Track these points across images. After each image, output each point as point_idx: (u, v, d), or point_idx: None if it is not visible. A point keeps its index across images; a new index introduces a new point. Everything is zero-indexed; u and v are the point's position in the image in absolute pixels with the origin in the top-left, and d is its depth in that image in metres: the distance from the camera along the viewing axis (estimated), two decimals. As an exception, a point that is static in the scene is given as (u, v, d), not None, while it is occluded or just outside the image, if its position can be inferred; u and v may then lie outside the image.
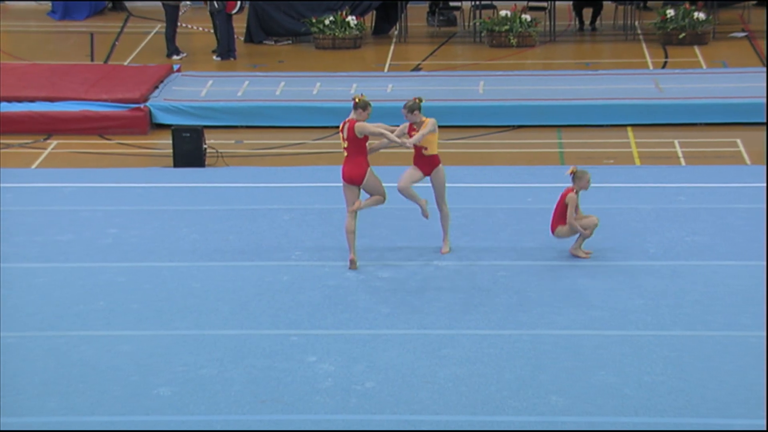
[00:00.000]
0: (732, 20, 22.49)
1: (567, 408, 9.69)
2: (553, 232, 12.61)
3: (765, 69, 18.98)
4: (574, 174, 12.43)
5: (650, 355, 10.50)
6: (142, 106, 17.64)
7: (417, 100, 12.34)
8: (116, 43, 22.15)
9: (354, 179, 12.16)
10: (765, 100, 17.13)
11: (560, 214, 12.51)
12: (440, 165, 12.51)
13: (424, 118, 12.37)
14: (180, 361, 10.52)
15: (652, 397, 9.83)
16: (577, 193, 12.44)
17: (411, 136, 12.33)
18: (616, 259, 12.56)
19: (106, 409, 9.79)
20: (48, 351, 10.75)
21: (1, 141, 16.95)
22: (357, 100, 12.04)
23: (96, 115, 17.43)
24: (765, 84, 17.50)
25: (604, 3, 22.66)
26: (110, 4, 24.57)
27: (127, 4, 24.54)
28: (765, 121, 16.50)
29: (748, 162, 15.81)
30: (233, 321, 11.30)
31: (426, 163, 12.49)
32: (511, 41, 21.14)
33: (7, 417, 9.68)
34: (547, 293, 11.77)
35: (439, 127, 12.62)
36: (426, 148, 12.44)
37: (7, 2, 24.61)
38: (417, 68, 20.25)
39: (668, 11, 21.13)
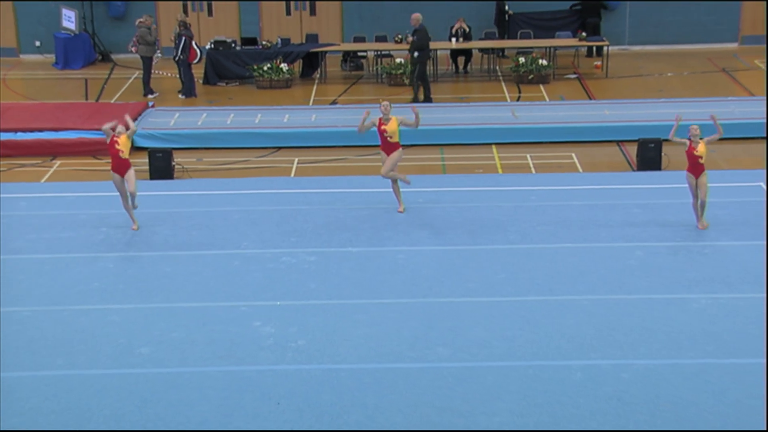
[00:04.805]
0: (567, 65, 22.73)
1: (450, 356, 9.76)
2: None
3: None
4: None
5: (511, 315, 10.59)
6: (125, 133, 17.35)
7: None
8: (105, 86, 21.79)
9: None
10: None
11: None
12: (400, 149, 13.56)
13: (392, 117, 13.38)
14: (156, 328, 10.42)
15: (513, 347, 9.93)
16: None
17: (383, 130, 13.38)
18: (485, 243, 12.63)
19: (101, 364, 9.71)
20: (55, 321, 10.60)
21: (17, 161, 16.63)
22: None
23: (90, 141, 17.08)
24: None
25: (473, 52, 22.81)
26: (100, 56, 24.18)
27: (113, 56, 24.17)
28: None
29: (581, 170, 15.97)
30: (196, 296, 11.20)
31: (391, 148, 13.47)
32: (405, 81, 21.17)
33: (25, 371, 9.55)
34: (433, 271, 11.80)
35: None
36: (391, 137, 13.42)
37: (21, 56, 24.12)
38: (334, 102, 20.19)
39: (520, 59, 21.33)
